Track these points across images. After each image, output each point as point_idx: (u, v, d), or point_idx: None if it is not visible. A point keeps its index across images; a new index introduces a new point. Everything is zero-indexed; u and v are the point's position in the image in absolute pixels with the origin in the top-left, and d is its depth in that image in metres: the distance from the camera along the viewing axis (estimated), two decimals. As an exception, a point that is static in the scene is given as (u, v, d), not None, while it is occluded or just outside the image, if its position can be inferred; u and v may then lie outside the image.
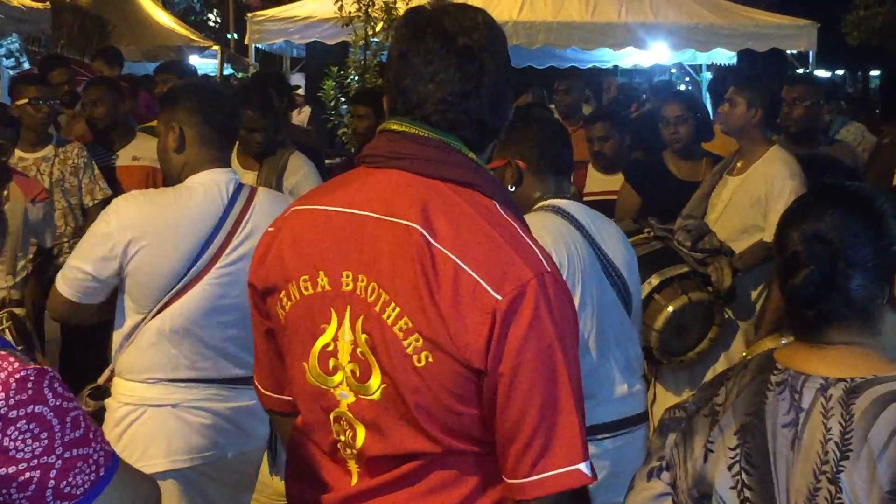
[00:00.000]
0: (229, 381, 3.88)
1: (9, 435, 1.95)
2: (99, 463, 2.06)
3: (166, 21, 19.85)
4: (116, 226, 3.74)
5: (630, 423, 4.02)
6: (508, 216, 2.34)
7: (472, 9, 2.43)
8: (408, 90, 2.37)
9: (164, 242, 3.74)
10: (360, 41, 11.74)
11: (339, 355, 2.34)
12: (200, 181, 3.84)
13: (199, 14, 32.41)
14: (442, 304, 2.19)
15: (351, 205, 2.37)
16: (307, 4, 14.70)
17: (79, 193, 6.87)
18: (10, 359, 2.00)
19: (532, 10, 13.87)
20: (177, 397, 3.83)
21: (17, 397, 1.96)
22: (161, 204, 3.84)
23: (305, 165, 6.23)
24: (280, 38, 14.68)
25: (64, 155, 6.85)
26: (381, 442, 2.32)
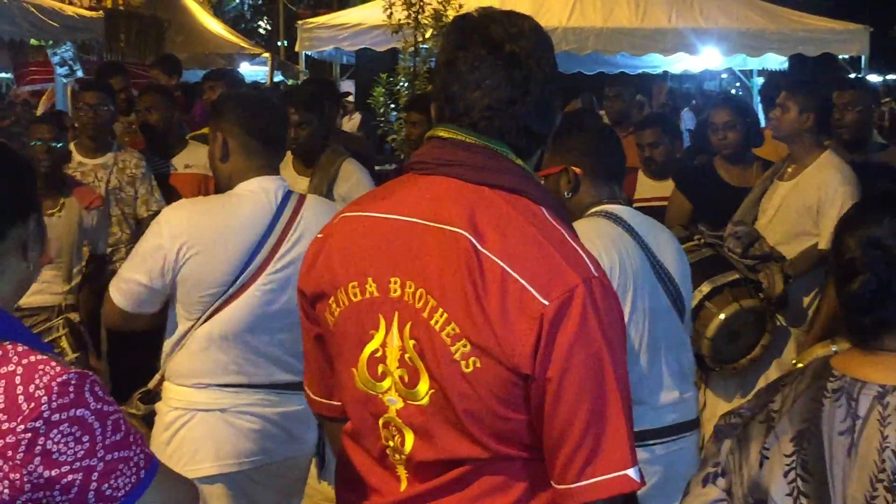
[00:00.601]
0: (278, 387, 3.89)
1: (52, 438, 1.99)
2: (139, 465, 2.10)
3: (217, 28, 19.98)
4: (167, 235, 3.77)
5: (682, 429, 4.00)
6: (556, 222, 2.34)
7: (518, 16, 2.43)
8: (455, 97, 2.37)
9: (214, 250, 3.76)
10: (409, 48, 11.80)
11: (387, 361, 2.34)
12: (249, 188, 3.86)
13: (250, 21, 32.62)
14: (489, 310, 2.19)
15: (399, 211, 2.38)
16: (357, 12, 14.79)
17: (133, 203, 6.87)
18: (51, 363, 2.04)
19: (582, 16, 13.85)
20: (226, 402, 3.85)
21: (60, 401, 2.00)
22: (210, 212, 3.88)
23: (358, 172, 6.23)
24: (330, 45, 14.73)
25: (123, 164, 6.86)
26: (430, 447, 2.32)
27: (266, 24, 33.03)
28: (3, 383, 2.01)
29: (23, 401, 1.99)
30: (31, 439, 1.98)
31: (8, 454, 1.98)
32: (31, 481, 1.99)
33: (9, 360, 2.04)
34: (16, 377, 2.01)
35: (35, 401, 1.99)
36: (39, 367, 2.03)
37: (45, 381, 2.00)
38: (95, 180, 6.78)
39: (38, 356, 2.05)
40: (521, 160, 2.39)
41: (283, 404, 3.90)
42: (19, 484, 1.99)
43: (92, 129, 6.82)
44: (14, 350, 2.06)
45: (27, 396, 1.99)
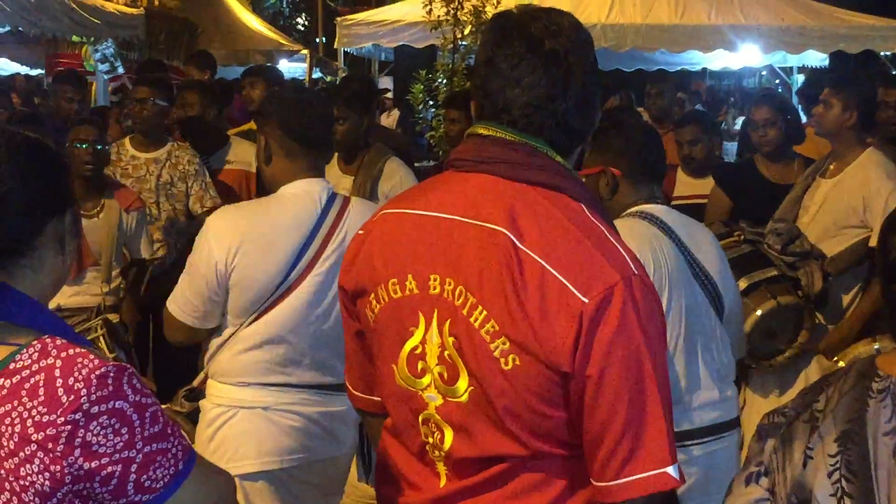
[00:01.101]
0: (321, 387, 3.91)
1: (91, 430, 2.01)
2: (177, 457, 2.12)
3: (256, 25, 20.05)
4: (215, 244, 3.78)
5: (721, 429, 3.98)
6: (596, 219, 2.33)
7: (558, 13, 2.42)
8: (494, 94, 2.37)
9: (260, 253, 3.77)
10: (448, 44, 11.78)
11: (426, 358, 2.35)
12: (293, 191, 3.87)
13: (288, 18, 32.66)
14: (529, 308, 2.19)
15: (438, 208, 2.38)
16: (396, 8, 14.79)
17: (185, 199, 6.87)
18: (90, 356, 2.06)
19: (621, 13, 13.81)
20: (268, 400, 3.87)
21: (98, 393, 2.02)
22: (255, 216, 3.88)
23: (402, 170, 6.23)
24: (369, 41, 14.76)
25: (176, 160, 6.86)
26: (469, 444, 2.33)
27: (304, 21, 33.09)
28: (43, 376, 2.03)
29: (62, 393, 2.01)
30: (70, 431, 2.00)
31: (48, 446, 2.00)
32: (72, 473, 2.01)
33: (48, 353, 2.06)
34: (55, 370, 2.03)
35: (74, 393, 2.01)
36: (78, 360, 2.05)
37: (84, 373, 2.03)
38: (147, 174, 6.81)
39: (76, 349, 2.08)
40: (561, 157, 2.39)
41: (326, 404, 3.92)
42: (60, 476, 2.01)
43: (143, 124, 6.85)
44: (53, 344, 2.08)
45: (67, 389, 2.01)
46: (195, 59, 10.08)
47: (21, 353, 2.07)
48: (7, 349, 2.08)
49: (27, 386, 2.03)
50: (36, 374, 2.03)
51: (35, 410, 2.01)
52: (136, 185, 6.74)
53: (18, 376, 2.04)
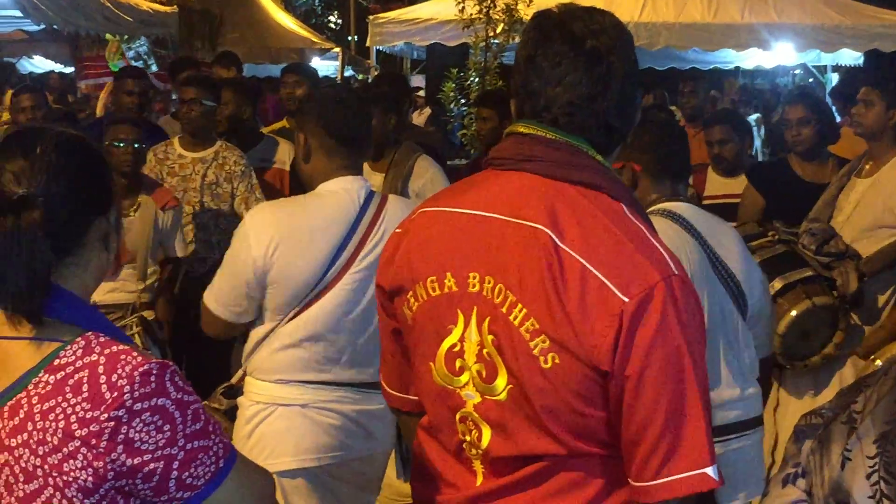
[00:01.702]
0: (359, 385, 3.91)
1: (134, 427, 2.03)
2: (218, 455, 2.14)
3: (288, 23, 20.08)
4: (254, 240, 3.79)
5: (743, 427, 3.98)
6: (636, 219, 2.33)
7: (599, 11, 2.42)
8: (535, 93, 2.37)
9: (299, 250, 3.78)
10: (480, 43, 11.79)
11: (465, 356, 2.35)
12: (331, 189, 3.88)
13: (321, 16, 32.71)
14: (569, 306, 2.19)
15: (478, 206, 2.38)
16: (428, 7, 14.78)
17: (230, 200, 6.85)
18: (132, 353, 2.09)
19: (654, 11, 13.77)
20: (306, 398, 3.88)
21: (141, 390, 2.04)
22: (293, 213, 3.89)
23: (432, 168, 6.23)
24: (401, 39, 14.77)
25: (222, 160, 6.85)
26: (507, 442, 2.33)
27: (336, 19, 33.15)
28: (87, 373, 2.05)
29: (105, 390, 2.03)
30: (113, 428, 2.02)
31: (92, 442, 2.02)
32: (114, 469, 2.04)
33: (92, 350, 2.08)
34: (99, 367, 2.05)
35: (118, 390, 2.03)
36: (121, 357, 2.07)
37: (127, 370, 2.05)
38: (192, 173, 6.82)
39: (120, 346, 2.10)
40: (601, 156, 2.39)
41: (364, 402, 3.93)
42: (103, 472, 2.03)
43: (190, 125, 6.84)
44: (97, 340, 2.10)
45: (110, 386, 2.03)
46: (220, 59, 10.11)
47: (65, 350, 2.09)
48: (52, 345, 2.10)
49: (71, 382, 2.05)
50: (80, 371, 2.06)
51: (79, 406, 2.03)
52: (182, 183, 6.76)
53: (63, 372, 2.06)
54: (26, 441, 2.06)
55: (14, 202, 2.12)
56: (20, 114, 8.03)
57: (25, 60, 18.39)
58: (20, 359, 2.11)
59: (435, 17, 14.04)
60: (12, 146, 2.22)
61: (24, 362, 2.11)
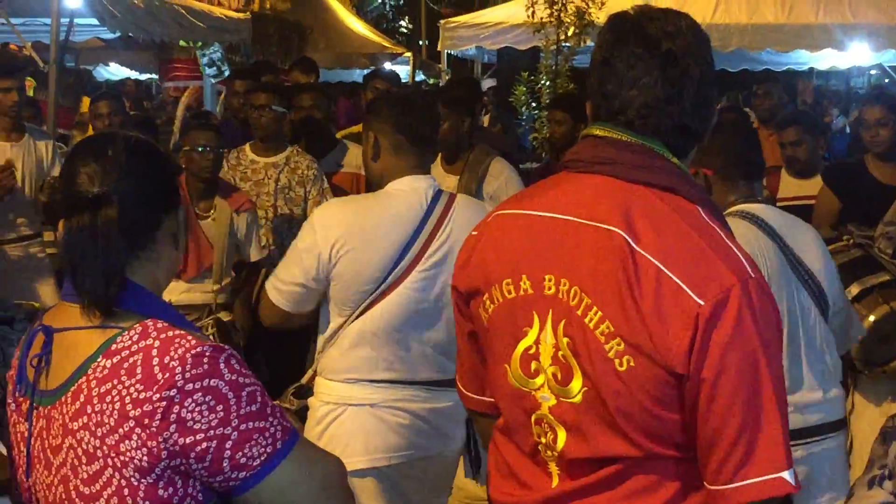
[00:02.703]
0: (428, 384, 3.94)
1: (186, 406, 2.10)
2: (276, 437, 2.18)
3: (360, 28, 20.20)
4: (321, 234, 3.85)
5: (825, 429, 3.94)
6: (712, 221, 2.32)
7: (675, 13, 2.42)
8: (611, 95, 2.37)
9: (366, 247, 3.82)
10: (551, 46, 11.77)
11: (540, 358, 2.36)
12: (400, 187, 3.92)
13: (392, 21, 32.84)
14: (644, 309, 2.19)
15: (554, 209, 2.39)
16: (499, 10, 14.78)
17: (303, 204, 6.87)
18: (188, 337, 2.18)
19: (727, 13, 13.64)
20: (376, 397, 3.91)
21: (193, 371, 2.11)
22: (362, 210, 3.94)
23: (507, 170, 6.24)
24: (472, 44, 14.76)
25: (295, 164, 6.88)
26: (582, 445, 2.33)
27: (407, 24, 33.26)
28: (141, 356, 2.14)
29: (158, 371, 2.11)
30: (165, 407, 2.09)
31: (145, 422, 2.10)
32: (167, 448, 2.11)
33: (148, 334, 2.17)
34: (153, 350, 2.14)
35: (169, 371, 2.11)
36: (176, 340, 2.16)
37: (179, 352, 2.13)
38: (265, 178, 6.87)
39: (176, 331, 2.19)
40: (677, 158, 2.39)
41: (433, 401, 3.95)
42: (156, 451, 2.11)
43: (262, 131, 6.88)
44: (154, 326, 2.19)
45: (162, 367, 2.12)
46: (300, 65, 10.17)
47: (122, 335, 2.19)
48: (111, 331, 2.20)
49: (126, 365, 2.14)
50: (135, 354, 2.15)
51: (133, 388, 2.12)
52: (255, 188, 6.81)
53: (119, 356, 2.16)
54: (86, 424, 2.15)
55: (90, 200, 2.22)
56: (98, 120, 8.16)
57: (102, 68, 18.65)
58: (85, 346, 2.21)
59: (506, 20, 14.02)
60: (86, 150, 2.34)
61: (88, 349, 2.21)
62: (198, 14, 10.87)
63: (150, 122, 9.03)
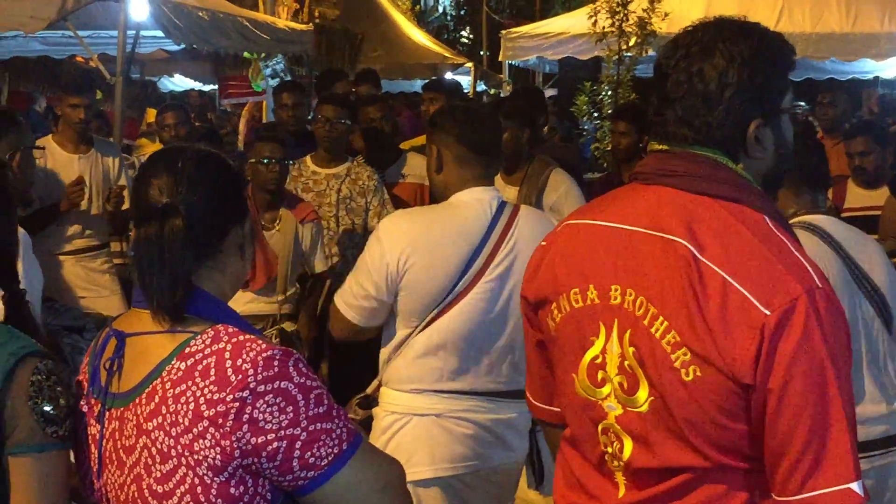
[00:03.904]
0: (492, 394, 3.94)
1: (258, 407, 2.17)
2: (342, 438, 2.23)
3: (421, 39, 20.26)
4: (387, 246, 3.87)
5: (890, 442, 3.90)
6: (778, 231, 2.32)
7: (739, 26, 2.41)
8: (673, 108, 2.38)
9: (432, 259, 3.84)
10: (613, 56, 11.76)
11: (607, 367, 2.37)
12: (464, 199, 3.93)
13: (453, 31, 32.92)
14: (710, 319, 2.19)
15: (620, 220, 2.41)
16: (561, 20, 14.78)
17: (364, 214, 6.92)
18: (258, 341, 2.25)
19: (790, 21, 13.53)
20: (441, 407, 3.92)
21: (265, 373, 2.18)
22: (427, 222, 3.96)
23: (567, 181, 6.23)
24: (533, 54, 14.75)
25: (355, 175, 6.93)
26: (649, 454, 2.33)
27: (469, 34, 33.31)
28: (214, 359, 2.21)
29: (231, 373, 2.18)
30: (239, 408, 2.16)
31: (219, 422, 2.17)
32: (240, 447, 2.17)
33: (220, 338, 2.25)
34: (225, 353, 2.21)
35: (242, 373, 2.18)
36: (247, 344, 2.23)
37: (251, 355, 2.20)
38: (327, 189, 6.92)
39: (246, 335, 2.26)
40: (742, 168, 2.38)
41: (497, 411, 3.95)
42: (229, 450, 2.17)
43: (328, 142, 6.92)
44: (225, 331, 2.27)
45: (235, 369, 2.19)
46: (362, 77, 10.24)
47: (195, 339, 2.26)
48: (184, 335, 2.28)
49: (200, 368, 2.22)
50: (208, 357, 2.22)
51: (207, 389, 2.19)
52: (317, 199, 6.86)
53: (192, 359, 2.23)
54: (161, 424, 2.22)
55: (159, 210, 2.31)
56: (164, 131, 8.27)
57: (166, 79, 18.85)
58: (158, 350, 2.29)
59: (567, 30, 14.01)
60: (157, 162, 2.42)
61: (161, 352, 2.28)
62: (261, 26, 10.95)
63: (215, 132, 9.14)
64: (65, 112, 7.16)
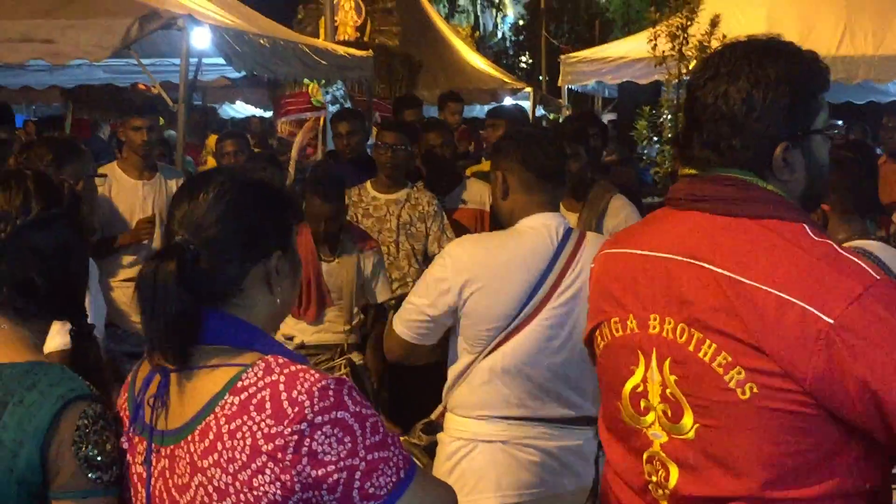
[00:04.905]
0: (558, 421, 3.92)
1: (316, 439, 2.12)
2: (399, 466, 2.19)
3: (480, 64, 20.31)
4: (452, 269, 3.88)
5: None
6: (820, 238, 2.29)
7: (767, 47, 2.41)
8: (703, 130, 2.39)
9: (498, 285, 3.83)
10: (673, 80, 11.69)
11: (649, 396, 2.38)
12: (530, 225, 3.93)
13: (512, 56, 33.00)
14: (764, 336, 2.17)
15: (654, 247, 2.42)
16: (620, 45, 14.75)
17: (424, 240, 6.96)
18: (310, 371, 2.19)
19: (852, 45, 13.42)
20: (508, 434, 3.90)
21: (321, 404, 2.13)
22: (494, 247, 3.95)
23: (627, 207, 6.21)
24: (593, 78, 14.74)
25: (415, 201, 6.98)
26: (696, 482, 2.32)
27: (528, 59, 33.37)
28: (269, 392, 2.16)
29: (287, 406, 2.13)
30: (297, 441, 2.11)
31: (278, 456, 2.12)
32: (301, 481, 2.12)
33: (272, 370, 2.19)
34: (279, 385, 2.16)
35: (298, 405, 2.13)
36: (300, 374, 2.18)
37: (306, 386, 2.15)
38: (387, 214, 6.96)
39: (297, 366, 2.21)
40: (773, 186, 2.36)
41: (563, 438, 3.93)
42: (290, 484, 2.12)
43: (388, 168, 6.95)
44: (276, 362, 2.21)
45: (291, 401, 2.13)
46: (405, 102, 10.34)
47: (247, 372, 2.20)
48: (234, 369, 2.22)
49: (254, 401, 2.16)
50: (262, 390, 2.17)
51: (263, 423, 2.14)
52: (377, 224, 6.91)
53: (246, 393, 2.18)
54: (217, 461, 2.17)
55: (160, 252, 2.27)
56: (224, 158, 8.32)
57: (227, 106, 19.02)
58: (207, 385, 2.23)
59: (627, 55, 13.98)
60: (183, 191, 2.38)
61: (211, 387, 2.23)
62: (321, 53, 11.02)
63: (274, 158, 9.18)
64: (128, 135, 7.18)
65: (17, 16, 8.02)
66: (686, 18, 11.22)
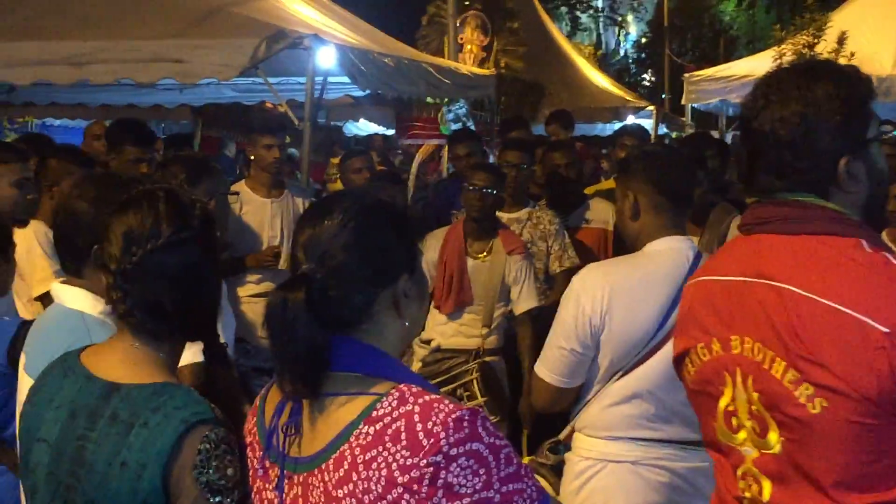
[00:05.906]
0: (688, 443, 3.88)
1: (451, 471, 2.09)
2: (532, 497, 2.16)
3: (602, 82, 20.24)
4: (586, 300, 3.87)
5: None
6: (878, 252, 2.35)
7: (810, 68, 2.48)
8: (764, 155, 2.47)
9: (633, 308, 3.83)
10: (799, 98, 11.52)
11: (738, 414, 2.48)
12: (660, 248, 3.91)
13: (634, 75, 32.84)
14: (827, 351, 2.25)
15: (730, 272, 2.53)
16: (745, 63, 14.58)
17: (545, 259, 6.98)
18: (444, 401, 2.16)
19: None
20: (636, 454, 3.91)
21: (456, 435, 2.10)
22: (624, 272, 3.94)
23: (747, 229, 6.14)
24: (717, 97, 14.56)
25: (537, 220, 6.98)
26: (788, 494, 2.38)
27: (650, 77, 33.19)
28: (404, 422, 2.14)
29: (423, 437, 2.10)
30: (433, 473, 2.09)
31: (413, 488, 2.09)
32: None
33: (406, 400, 2.17)
34: (414, 416, 2.14)
35: (434, 436, 2.10)
36: (434, 405, 2.15)
37: (441, 417, 2.12)
38: None
39: (431, 395, 2.18)
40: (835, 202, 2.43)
41: (690, 459, 3.88)
42: None
43: (511, 187, 6.91)
44: (410, 391, 2.19)
45: (426, 433, 2.11)
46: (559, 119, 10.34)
47: (382, 402, 2.18)
48: (368, 398, 2.21)
49: (390, 432, 2.14)
50: (397, 421, 2.14)
51: (399, 454, 2.11)
52: None
53: (381, 423, 2.16)
54: (352, 491, 2.15)
55: (287, 282, 2.24)
56: (350, 175, 8.41)
57: (351, 124, 19.22)
58: (342, 413, 2.22)
59: (752, 73, 13.77)
60: (308, 217, 2.36)
61: (345, 416, 2.21)
62: (444, 71, 11.10)
63: (397, 176, 9.27)
64: (258, 153, 7.22)
65: (149, 36, 8.20)
66: (813, 36, 11.08)
